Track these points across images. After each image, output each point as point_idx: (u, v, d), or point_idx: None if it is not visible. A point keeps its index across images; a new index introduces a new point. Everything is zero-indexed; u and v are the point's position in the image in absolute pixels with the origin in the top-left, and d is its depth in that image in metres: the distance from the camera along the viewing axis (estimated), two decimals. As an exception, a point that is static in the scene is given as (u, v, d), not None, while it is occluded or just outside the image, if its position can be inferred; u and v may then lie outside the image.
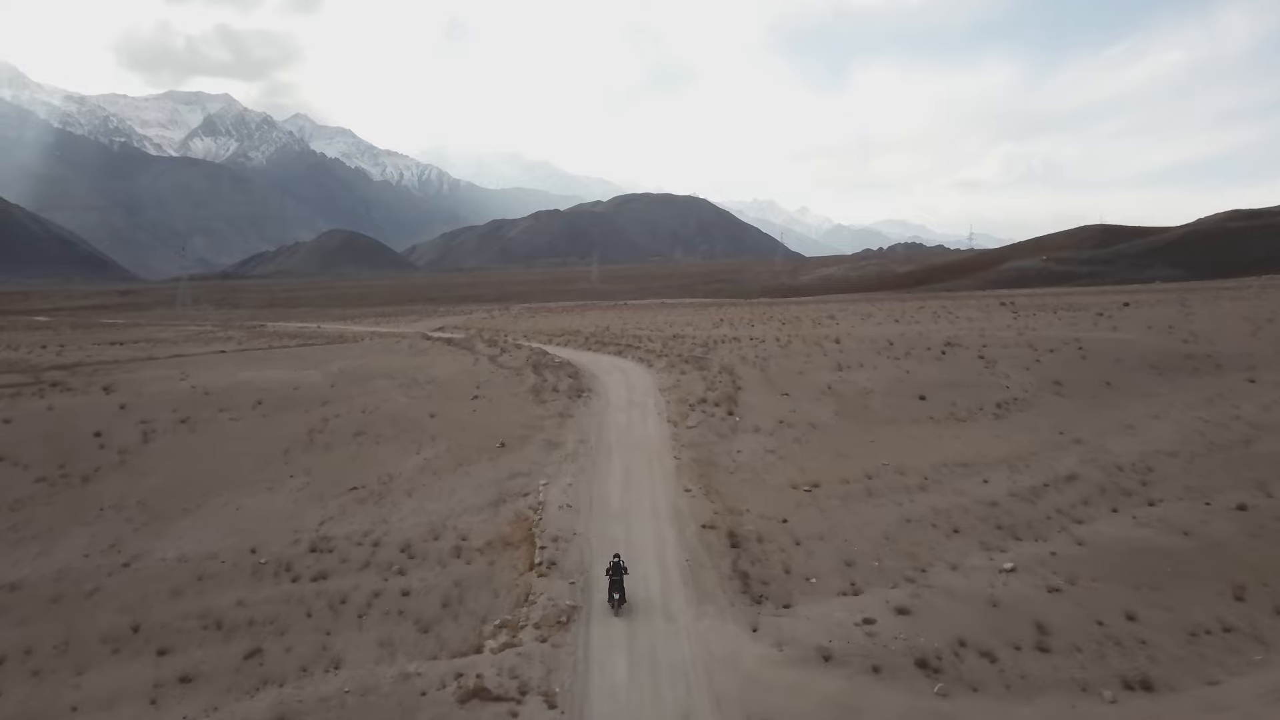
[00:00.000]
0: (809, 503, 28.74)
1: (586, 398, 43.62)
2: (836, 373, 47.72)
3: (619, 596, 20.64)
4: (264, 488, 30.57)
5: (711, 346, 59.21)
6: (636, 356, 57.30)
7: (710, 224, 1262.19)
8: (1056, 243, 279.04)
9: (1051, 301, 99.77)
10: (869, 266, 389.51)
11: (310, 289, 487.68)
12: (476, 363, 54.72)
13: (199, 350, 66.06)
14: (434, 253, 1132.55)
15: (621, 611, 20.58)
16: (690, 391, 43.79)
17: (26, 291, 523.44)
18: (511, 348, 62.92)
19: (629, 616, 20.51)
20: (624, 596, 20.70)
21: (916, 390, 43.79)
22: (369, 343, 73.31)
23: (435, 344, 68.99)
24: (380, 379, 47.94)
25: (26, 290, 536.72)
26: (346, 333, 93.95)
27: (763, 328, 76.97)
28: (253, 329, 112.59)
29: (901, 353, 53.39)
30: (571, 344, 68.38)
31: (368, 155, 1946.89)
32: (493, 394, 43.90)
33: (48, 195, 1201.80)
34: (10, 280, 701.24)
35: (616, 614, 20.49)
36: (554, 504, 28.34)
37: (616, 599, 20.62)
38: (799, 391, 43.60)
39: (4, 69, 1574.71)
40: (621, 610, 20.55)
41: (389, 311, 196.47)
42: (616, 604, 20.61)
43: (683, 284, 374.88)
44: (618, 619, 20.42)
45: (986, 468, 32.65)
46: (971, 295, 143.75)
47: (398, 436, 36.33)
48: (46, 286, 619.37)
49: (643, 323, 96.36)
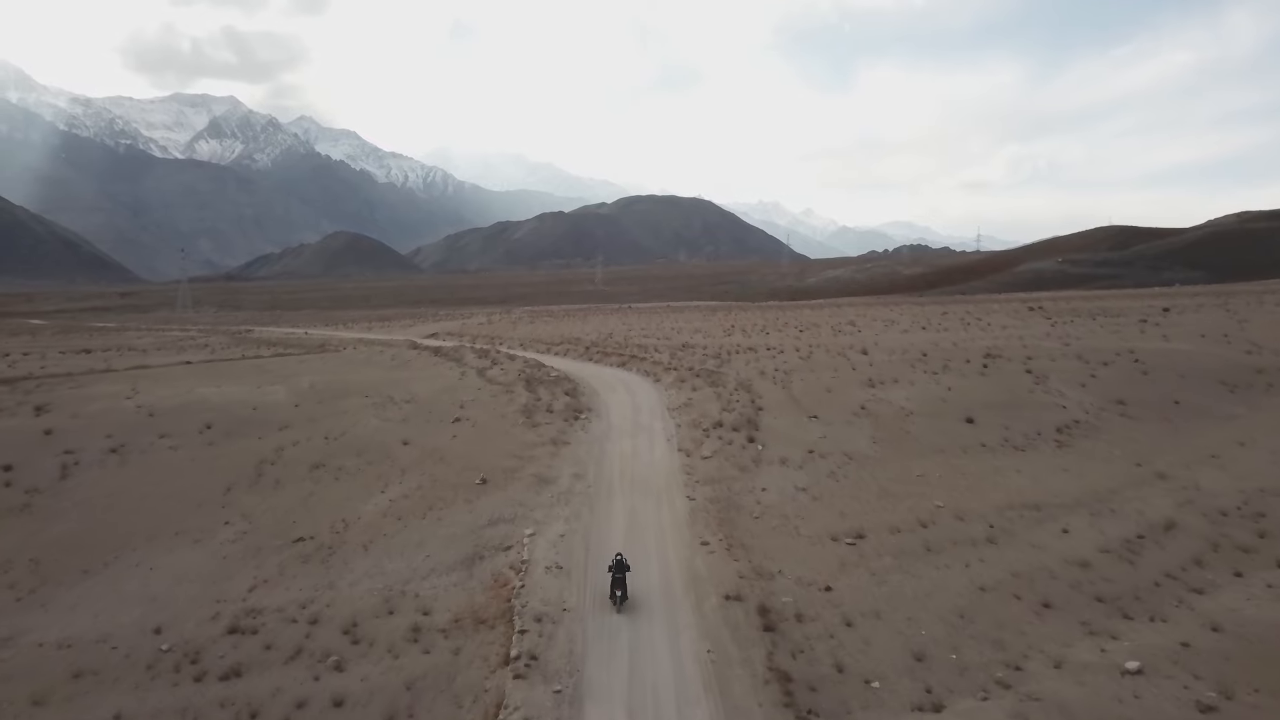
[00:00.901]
0: (855, 561, 23.32)
1: (585, 420, 38.24)
2: (869, 390, 42.23)
3: (621, 594, 20.44)
4: (191, 539, 25.25)
5: (725, 358, 53.77)
6: (642, 369, 52.00)
7: (715, 225, 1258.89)
8: (1072, 244, 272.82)
9: (1082, 306, 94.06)
10: (876, 268, 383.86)
11: (313, 291, 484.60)
12: (463, 377, 49.41)
13: (165, 361, 60.89)
14: (438, 254, 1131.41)
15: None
16: (704, 412, 38.37)
17: (30, 294, 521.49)
18: (504, 359, 57.63)
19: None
20: (626, 594, 20.53)
21: (962, 411, 38.28)
22: (351, 352, 68.06)
23: (421, 354, 63.71)
24: (353, 397, 42.59)
25: (30, 292, 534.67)
26: (332, 340, 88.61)
27: (779, 336, 71.45)
28: (237, 335, 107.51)
29: (938, 366, 47.85)
30: (570, 354, 63.10)
31: (372, 157, 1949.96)
32: (478, 415, 38.48)
33: (53, 197, 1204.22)
34: (16, 282, 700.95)
35: (618, 610, 20.15)
36: (540, 563, 23.00)
37: (619, 596, 20.42)
38: (829, 413, 38.12)
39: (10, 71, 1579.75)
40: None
41: (388, 315, 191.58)
42: (619, 601, 20.36)
43: (688, 286, 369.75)
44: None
45: (1062, 511, 27.24)
46: (994, 299, 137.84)
47: (362, 470, 30.97)
48: (51, 288, 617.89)
49: (648, 329, 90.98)
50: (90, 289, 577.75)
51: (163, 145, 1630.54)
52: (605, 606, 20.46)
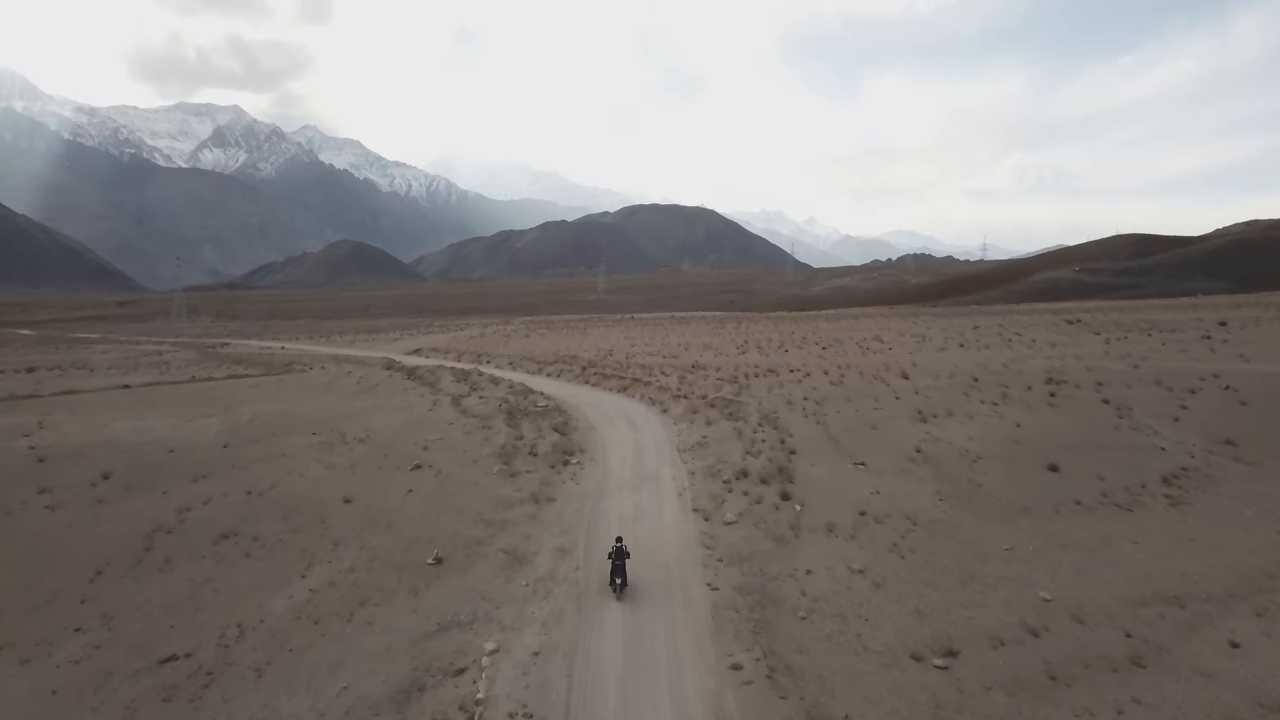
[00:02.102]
0: (954, 699, 16.18)
1: (577, 466, 31.10)
2: (921, 426, 35.02)
3: (621, 581, 20.77)
4: (19, 656, 18.14)
5: (743, 382, 46.56)
6: (646, 396, 44.84)
7: (718, 234, 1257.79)
8: (1088, 253, 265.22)
9: (1124, 318, 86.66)
10: (882, 277, 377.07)
11: (312, 300, 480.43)
12: (435, 407, 42.26)
13: (103, 384, 53.78)
14: (442, 263, 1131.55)
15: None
16: (724, 456, 31.21)
17: (27, 302, 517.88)
18: (487, 383, 50.39)
19: None
20: (625, 580, 20.86)
21: (1041, 455, 31.05)
22: (316, 373, 60.91)
23: (394, 376, 56.57)
24: (297, 434, 35.47)
25: (28, 301, 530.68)
26: (304, 357, 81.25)
27: (800, 354, 64.18)
28: (208, 350, 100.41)
29: (996, 394, 40.61)
30: (565, 375, 55.98)
31: (376, 166, 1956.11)
32: (444, 461, 31.26)
33: (57, 205, 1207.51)
34: (18, 290, 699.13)
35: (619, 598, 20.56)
36: (503, 706, 15.88)
37: (619, 584, 20.75)
38: (878, 457, 30.93)
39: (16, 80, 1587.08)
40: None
41: (380, 326, 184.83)
42: (619, 588, 20.72)
43: (692, 295, 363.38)
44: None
45: (1214, 609, 20.01)
46: (1019, 310, 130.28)
47: (284, 542, 23.83)
48: (53, 297, 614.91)
49: (653, 344, 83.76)
50: (91, 298, 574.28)
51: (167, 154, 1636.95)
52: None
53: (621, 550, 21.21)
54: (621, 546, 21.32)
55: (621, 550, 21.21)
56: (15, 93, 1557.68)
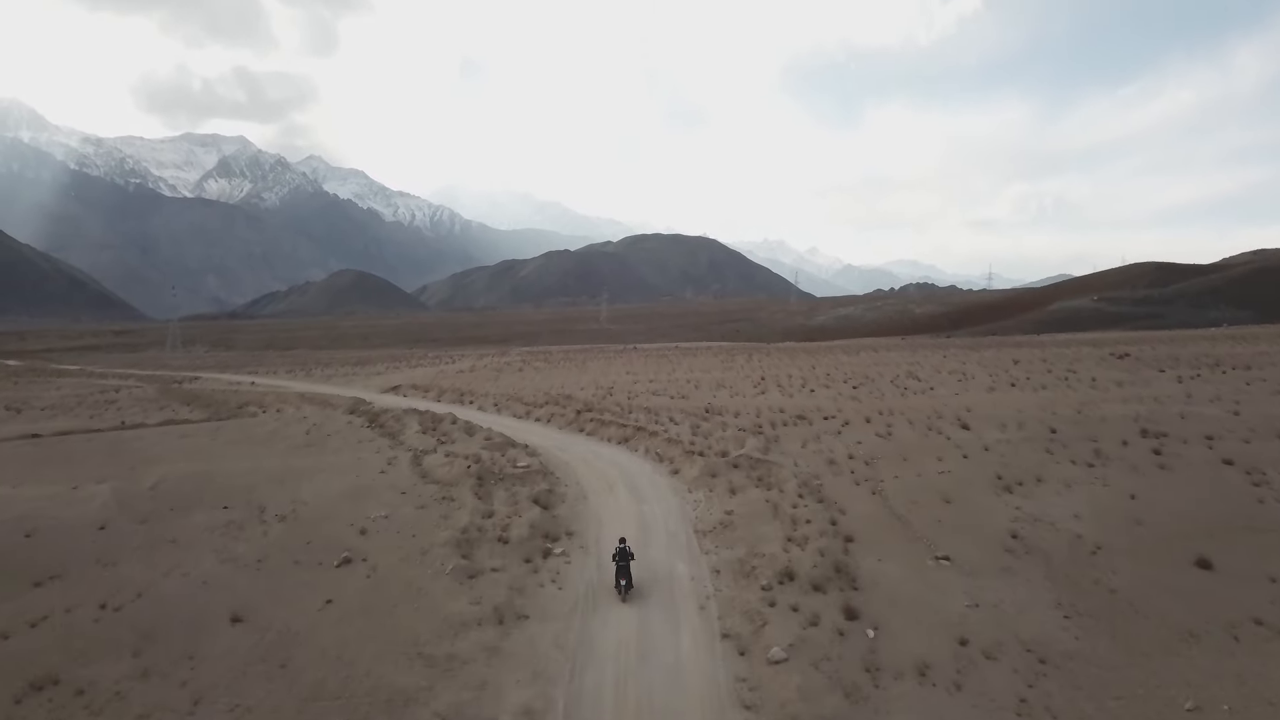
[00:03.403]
0: None
1: (560, 558, 23.28)
2: (1004, 496, 27.27)
3: (626, 582, 20.18)
4: None
5: (770, 434, 38.58)
6: (653, 449, 37.00)
7: (721, 263, 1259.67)
8: (1106, 281, 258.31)
9: (1180, 352, 78.94)
10: (887, 306, 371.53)
11: (311, 329, 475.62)
12: (390, 465, 34.54)
13: (12, 433, 46.22)
14: (445, 292, 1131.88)
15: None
16: (758, 544, 23.45)
17: (25, 331, 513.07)
18: (460, 433, 42.22)
19: None
20: (630, 582, 20.40)
21: (1180, 542, 23.28)
22: (267, 418, 53.04)
23: (354, 423, 48.69)
24: (205, 507, 27.78)
25: (23, 330, 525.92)
26: (267, 395, 72.77)
27: (828, 394, 56.16)
28: (169, 386, 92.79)
29: (1084, 450, 32.85)
30: (557, 419, 48.20)
31: (380, 196, 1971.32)
32: (384, 551, 23.45)
33: (62, 235, 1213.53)
34: (19, 319, 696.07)
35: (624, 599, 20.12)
36: None
37: (624, 585, 20.13)
38: (963, 545, 23.16)
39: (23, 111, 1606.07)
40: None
41: (370, 357, 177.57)
42: (623, 590, 20.09)
43: (695, 324, 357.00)
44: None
45: None
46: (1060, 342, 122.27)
47: (120, 697, 16.07)
48: (53, 325, 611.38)
49: (658, 379, 75.92)
50: (89, 327, 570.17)
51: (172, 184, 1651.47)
52: None
53: (626, 551, 20.65)
54: (625, 548, 20.76)
55: (626, 551, 20.65)
56: (22, 123, 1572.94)
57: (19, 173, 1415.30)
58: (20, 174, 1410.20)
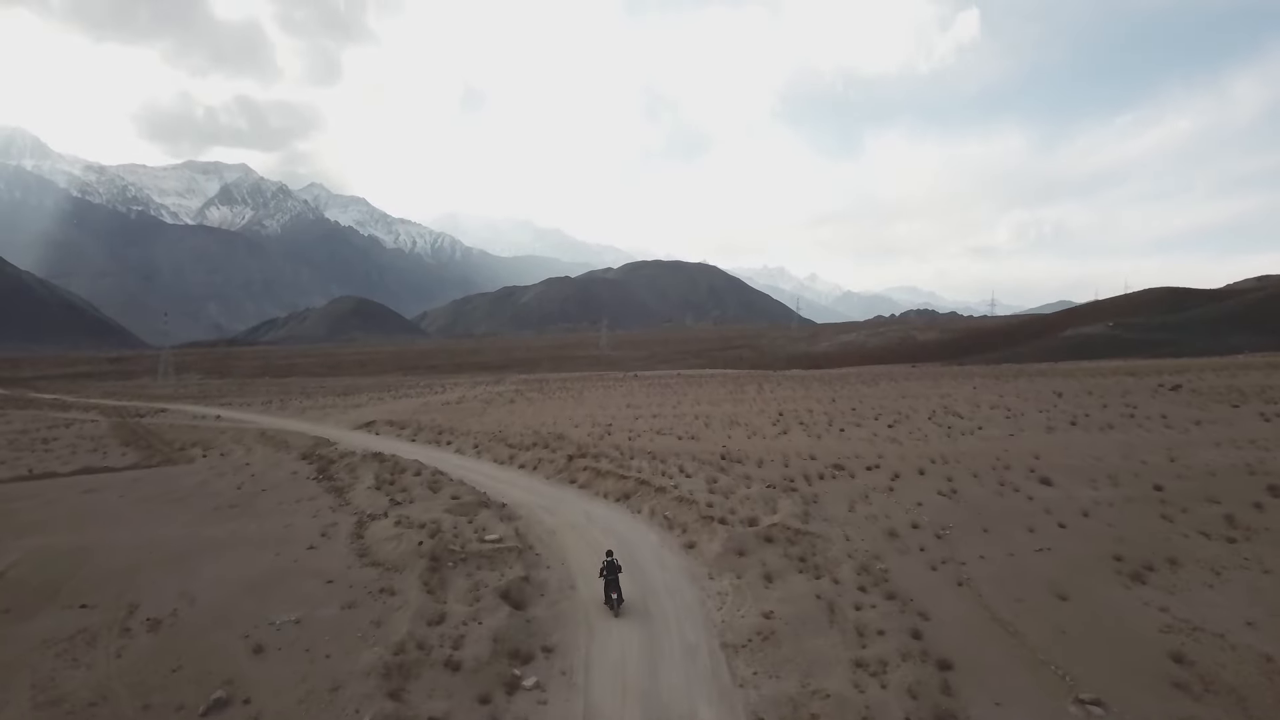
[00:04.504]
0: None
1: (533, 693, 16.17)
2: (1135, 588, 20.14)
3: (617, 596, 19.80)
4: None
5: (806, 491, 30.46)
6: (660, 511, 29.73)
7: (721, 290, 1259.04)
8: (1118, 307, 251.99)
9: (1229, 382, 72.00)
10: (890, 333, 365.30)
11: (307, 356, 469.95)
12: (324, 537, 26.77)
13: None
14: (445, 318, 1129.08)
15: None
16: (814, 674, 16.31)
17: (17, 359, 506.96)
18: (422, 489, 34.06)
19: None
20: (621, 595, 19.92)
21: None
22: (199, 465, 45.00)
23: (299, 475, 40.47)
24: (60, 605, 20.37)
25: (17, 358, 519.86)
26: (224, 434, 64.84)
27: (861, 433, 48.24)
28: (128, 418, 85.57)
29: (1210, 516, 25.73)
30: (544, 466, 40.79)
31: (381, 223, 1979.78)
32: (274, 687, 16.24)
33: (63, 262, 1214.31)
34: (17, 346, 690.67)
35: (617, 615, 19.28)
36: None
37: (615, 598, 19.75)
38: (1107, 674, 16.02)
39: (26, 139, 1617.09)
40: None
41: (359, 385, 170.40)
42: (615, 604, 19.65)
43: (697, 350, 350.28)
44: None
45: None
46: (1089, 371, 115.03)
47: None
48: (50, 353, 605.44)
49: (663, 412, 68.66)
50: (85, 354, 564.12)
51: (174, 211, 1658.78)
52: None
53: (614, 564, 20.21)
54: (614, 560, 20.32)
55: (614, 564, 20.21)
56: (26, 151, 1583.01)
57: (22, 200, 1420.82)
58: (23, 201, 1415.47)
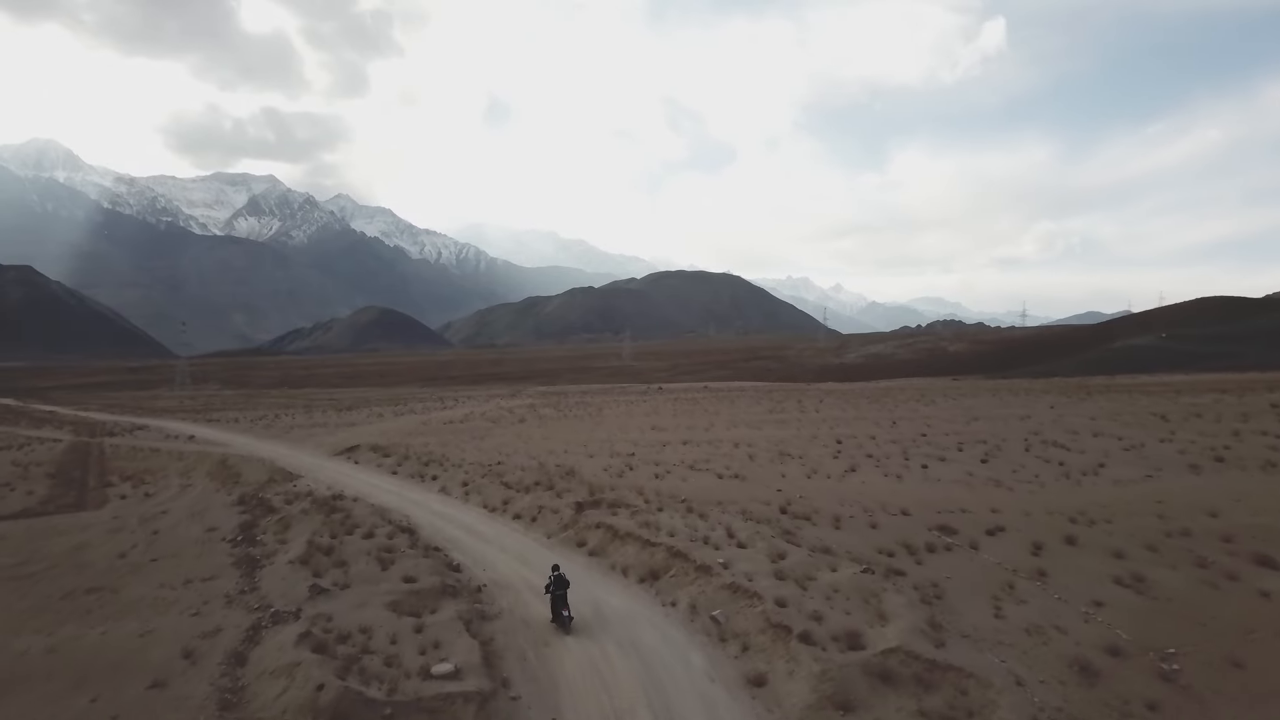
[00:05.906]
0: None
1: None
2: None
3: (567, 613, 19.04)
4: None
5: (924, 588, 19.83)
6: (703, 605, 20.08)
7: (744, 300, 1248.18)
8: (1168, 317, 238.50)
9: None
10: (919, 344, 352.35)
11: (326, 366, 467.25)
12: (188, 659, 16.46)
13: None
14: (469, 329, 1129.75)
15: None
16: None
17: (40, 368, 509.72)
18: (368, 565, 23.43)
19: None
20: (571, 612, 19.15)
21: None
22: (97, 515, 34.59)
23: (212, 536, 29.45)
24: None
25: (40, 367, 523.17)
26: (184, 458, 56.43)
27: (955, 476, 36.61)
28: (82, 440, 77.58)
29: None
30: (546, 516, 30.25)
31: (406, 234, 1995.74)
32: None
33: (92, 272, 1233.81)
34: (43, 355, 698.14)
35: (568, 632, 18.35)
36: None
37: (566, 616, 18.96)
38: None
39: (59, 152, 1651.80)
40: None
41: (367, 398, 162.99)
42: (566, 622, 18.84)
43: (720, 362, 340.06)
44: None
45: None
46: (1182, 388, 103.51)
47: None
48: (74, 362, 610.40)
49: (694, 437, 58.53)
50: (107, 363, 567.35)
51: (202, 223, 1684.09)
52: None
53: (562, 579, 19.39)
54: (561, 574, 19.51)
55: (562, 579, 19.39)
56: (58, 163, 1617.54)
57: (54, 212, 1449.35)
58: (55, 213, 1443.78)
